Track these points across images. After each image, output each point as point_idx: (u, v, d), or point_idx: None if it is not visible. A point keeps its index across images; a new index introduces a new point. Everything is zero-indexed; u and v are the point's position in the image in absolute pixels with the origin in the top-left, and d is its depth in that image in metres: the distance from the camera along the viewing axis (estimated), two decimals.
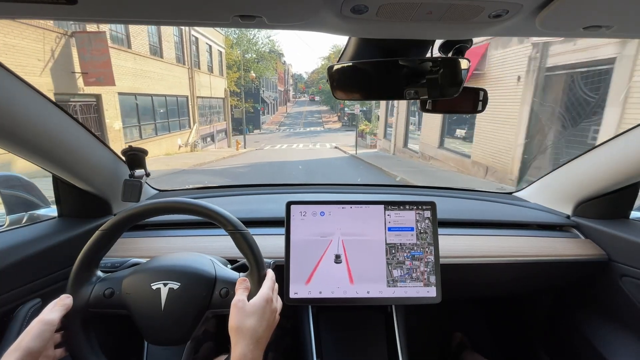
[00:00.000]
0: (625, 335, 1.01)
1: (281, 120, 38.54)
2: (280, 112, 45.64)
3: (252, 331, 0.56)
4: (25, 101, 0.68)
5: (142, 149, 0.96)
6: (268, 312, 0.61)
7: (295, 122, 37.22)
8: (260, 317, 0.59)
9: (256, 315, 0.58)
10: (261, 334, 0.58)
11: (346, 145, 17.42)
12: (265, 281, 0.65)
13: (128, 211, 0.65)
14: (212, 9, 0.46)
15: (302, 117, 42.51)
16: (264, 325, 0.59)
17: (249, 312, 0.58)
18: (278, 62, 34.78)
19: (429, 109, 0.85)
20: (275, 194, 1.32)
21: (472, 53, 7.08)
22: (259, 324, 0.58)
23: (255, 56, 26.72)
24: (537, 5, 0.45)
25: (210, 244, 0.98)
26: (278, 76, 42.22)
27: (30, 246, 0.78)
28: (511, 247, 1.03)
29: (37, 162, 0.79)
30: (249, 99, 26.53)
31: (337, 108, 37.61)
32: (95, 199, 0.97)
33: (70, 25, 7.81)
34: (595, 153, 1.02)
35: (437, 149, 10.19)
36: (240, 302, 0.59)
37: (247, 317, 0.57)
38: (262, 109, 29.44)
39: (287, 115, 43.25)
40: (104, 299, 0.62)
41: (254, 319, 0.58)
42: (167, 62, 12.56)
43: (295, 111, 48.96)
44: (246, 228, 0.66)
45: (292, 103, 60.67)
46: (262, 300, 0.60)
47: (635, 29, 0.53)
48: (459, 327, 1.50)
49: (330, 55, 35.69)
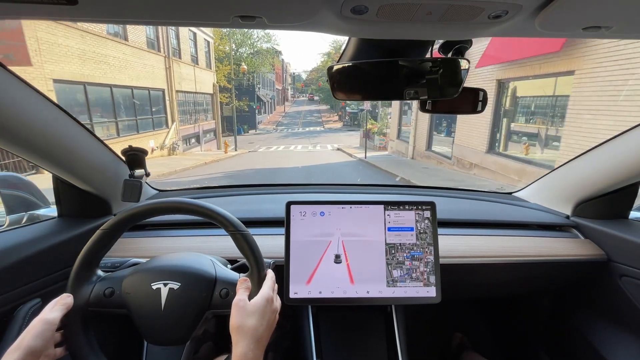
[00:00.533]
0: (625, 335, 1.01)
1: (279, 119, 36.85)
2: (278, 111, 44.26)
3: (253, 331, 0.57)
4: (25, 101, 0.68)
5: (142, 149, 0.96)
6: (269, 312, 0.61)
7: (294, 122, 35.65)
8: (261, 317, 0.59)
9: (257, 314, 0.58)
10: (262, 333, 0.58)
11: (350, 147, 15.87)
12: (266, 281, 0.65)
13: (129, 210, 0.65)
14: (212, 9, 0.46)
15: (300, 116, 40.77)
16: (264, 325, 0.59)
17: (250, 312, 0.58)
18: (275, 58, 33.28)
19: (429, 109, 0.85)
20: (275, 194, 1.32)
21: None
22: (260, 323, 0.58)
23: (249, 50, 25.49)
24: (537, 6, 0.45)
25: (211, 244, 0.98)
26: (275, 74, 40.50)
27: (30, 246, 0.78)
28: (511, 247, 1.03)
29: (37, 162, 0.79)
30: (244, 96, 24.64)
31: (338, 107, 36.67)
32: (95, 199, 0.97)
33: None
34: (594, 153, 1.02)
35: (486, 154, 7.82)
36: (241, 301, 0.59)
37: (248, 316, 0.57)
38: (257, 107, 27.43)
39: (285, 115, 41.74)
40: (104, 299, 0.62)
41: (254, 319, 0.58)
42: (134, 46, 10.28)
43: (294, 110, 47.44)
44: (247, 229, 0.66)
45: (291, 102, 59.25)
46: (263, 300, 0.61)
47: (635, 29, 0.53)
48: (459, 328, 1.50)
49: (331, 52, 34.14)
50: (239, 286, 0.63)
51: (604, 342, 1.04)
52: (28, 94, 0.69)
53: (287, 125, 32.23)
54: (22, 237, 0.80)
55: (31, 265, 0.77)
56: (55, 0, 0.42)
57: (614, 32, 0.53)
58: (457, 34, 0.59)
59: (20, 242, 0.78)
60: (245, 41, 24.96)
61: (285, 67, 50.23)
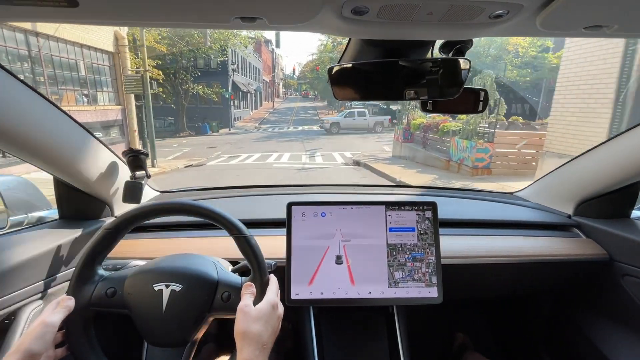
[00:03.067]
0: (627, 334, 1.00)
1: (264, 116, 29.05)
2: (265, 107, 37.31)
3: (258, 336, 0.56)
4: (26, 103, 0.68)
5: (143, 150, 0.97)
6: (274, 318, 0.61)
7: (283, 119, 27.43)
8: (266, 323, 0.58)
9: (262, 320, 0.58)
10: (266, 339, 0.58)
11: (376, 159, 9.48)
12: (270, 287, 0.64)
13: (133, 211, 0.65)
14: (213, 10, 0.46)
15: (292, 113, 32.94)
16: (269, 331, 0.59)
17: (255, 317, 0.58)
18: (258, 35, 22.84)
19: (429, 110, 0.85)
20: (276, 195, 1.32)
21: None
22: (265, 329, 0.58)
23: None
24: (538, 6, 0.45)
25: (213, 245, 0.98)
26: (263, 62, 34.72)
27: (31, 248, 0.78)
28: (512, 247, 1.03)
29: (38, 164, 0.79)
30: (215, 82, 17.32)
31: (338, 103, 24.21)
32: (96, 201, 0.97)
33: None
34: (596, 152, 1.02)
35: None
36: (247, 307, 0.59)
37: (253, 322, 0.57)
38: (232, 97, 19.50)
39: (274, 112, 34.17)
40: (106, 298, 0.62)
41: (260, 325, 0.57)
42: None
43: (285, 107, 39.42)
44: (250, 232, 0.66)
45: (282, 99, 51.66)
46: (268, 305, 0.60)
47: (636, 28, 0.53)
48: (461, 328, 1.50)
49: (327, 43, 27.88)
50: (244, 291, 0.62)
51: (606, 342, 1.03)
52: (29, 96, 0.69)
53: (274, 124, 24.24)
54: (23, 240, 0.80)
55: (33, 267, 0.77)
56: (56, 2, 0.42)
57: (615, 32, 0.53)
58: (458, 34, 0.59)
59: (22, 244, 0.78)
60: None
61: (275, 56, 44.51)
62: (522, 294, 1.32)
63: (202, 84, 17.12)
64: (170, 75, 14.91)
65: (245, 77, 27.02)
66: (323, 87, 28.60)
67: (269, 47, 39.58)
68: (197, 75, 16.63)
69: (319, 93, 36.64)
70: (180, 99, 16.53)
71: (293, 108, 37.53)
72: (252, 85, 29.81)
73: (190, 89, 16.26)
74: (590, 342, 1.07)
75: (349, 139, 15.02)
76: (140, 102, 10.27)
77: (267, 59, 38.83)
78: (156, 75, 12.25)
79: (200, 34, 14.52)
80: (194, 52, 15.62)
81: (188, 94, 16.59)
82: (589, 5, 0.45)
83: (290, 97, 56.84)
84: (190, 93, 16.68)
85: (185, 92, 16.42)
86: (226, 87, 18.33)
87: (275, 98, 45.93)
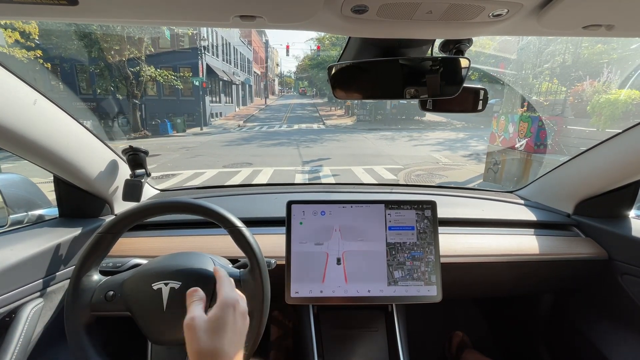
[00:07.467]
0: (626, 333, 1.01)
1: (253, 113, 23.07)
2: (257, 104, 32.29)
3: (219, 352, 0.44)
4: (26, 101, 0.68)
5: (143, 149, 0.97)
6: (238, 319, 0.49)
7: (275, 116, 21.42)
8: (225, 331, 0.46)
9: (219, 329, 0.45)
10: (233, 351, 0.45)
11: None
12: (219, 282, 0.54)
13: (127, 211, 0.65)
14: (212, 9, 0.46)
15: (287, 110, 26.78)
16: (235, 338, 0.46)
17: (208, 329, 0.45)
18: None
19: (429, 108, 0.85)
20: (276, 193, 1.33)
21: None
22: (227, 339, 0.45)
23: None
24: (538, 4, 0.45)
25: (212, 244, 0.98)
26: (253, 51, 29.97)
27: (31, 246, 0.78)
28: (511, 246, 1.03)
29: (38, 163, 0.79)
30: (183, 66, 12.47)
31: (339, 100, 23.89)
32: (96, 199, 0.97)
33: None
34: (595, 152, 1.02)
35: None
36: (193, 319, 0.46)
37: (207, 337, 0.44)
38: (204, 85, 14.20)
39: (266, 108, 28.36)
40: (106, 302, 0.63)
41: (217, 337, 0.45)
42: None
43: (280, 104, 34.20)
44: (243, 224, 0.67)
45: (277, 96, 46.39)
46: (223, 308, 0.48)
47: (636, 27, 0.53)
48: (460, 326, 1.50)
49: (323, 38, 24.33)
50: (188, 300, 0.50)
51: (604, 340, 1.04)
52: (29, 94, 0.69)
53: (262, 121, 18.14)
54: (23, 238, 0.80)
55: (33, 265, 0.77)
56: (56, 1, 0.42)
57: (615, 31, 0.53)
58: (458, 32, 0.59)
59: (22, 242, 0.78)
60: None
61: (270, 51, 40.68)
62: (521, 292, 1.33)
63: (163, 68, 11.83)
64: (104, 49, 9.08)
65: (229, 65, 21.42)
66: (323, 81, 23.44)
67: (262, 37, 35.49)
68: (150, 52, 10.94)
69: (319, 88, 32.44)
70: (130, 87, 11.19)
71: (289, 105, 32.47)
72: (238, 75, 24.31)
73: (142, 73, 10.83)
74: (588, 340, 1.07)
75: (366, 140, 10.66)
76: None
77: (259, 50, 34.60)
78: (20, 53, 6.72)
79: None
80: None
81: (140, 80, 11.29)
82: (588, 4, 0.45)
83: (286, 94, 53.15)
84: (143, 79, 11.28)
85: (136, 76, 11.14)
86: (197, 72, 13.14)
87: (270, 95, 41.35)
